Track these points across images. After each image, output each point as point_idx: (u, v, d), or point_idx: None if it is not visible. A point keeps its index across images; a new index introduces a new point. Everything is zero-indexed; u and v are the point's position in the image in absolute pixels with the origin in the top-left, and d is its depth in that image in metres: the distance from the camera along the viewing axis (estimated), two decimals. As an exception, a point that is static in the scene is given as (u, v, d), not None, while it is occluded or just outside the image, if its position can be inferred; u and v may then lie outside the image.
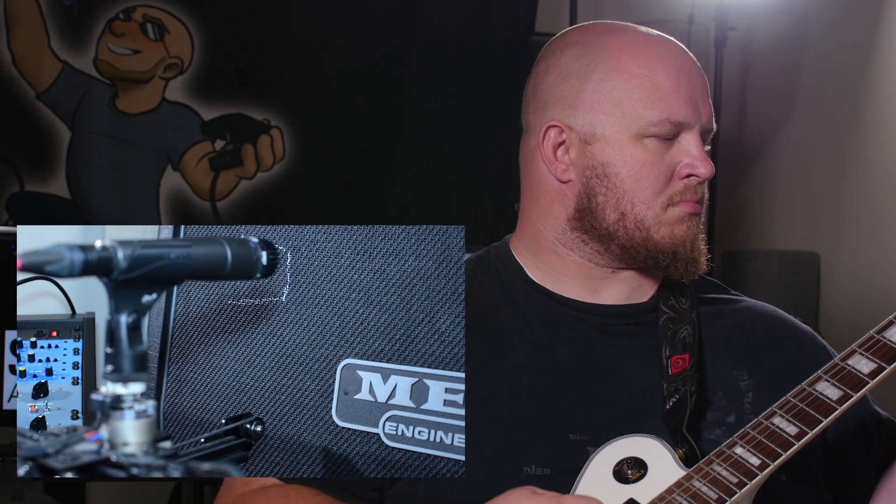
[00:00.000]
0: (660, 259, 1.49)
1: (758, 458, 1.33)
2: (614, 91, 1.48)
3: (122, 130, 3.99)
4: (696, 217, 1.51)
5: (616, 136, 1.48)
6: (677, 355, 1.49)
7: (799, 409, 1.37)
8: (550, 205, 1.54)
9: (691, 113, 1.48)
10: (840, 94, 4.11)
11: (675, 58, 1.50)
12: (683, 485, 1.32)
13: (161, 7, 4.02)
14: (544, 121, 1.52)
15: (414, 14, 4.17)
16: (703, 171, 1.48)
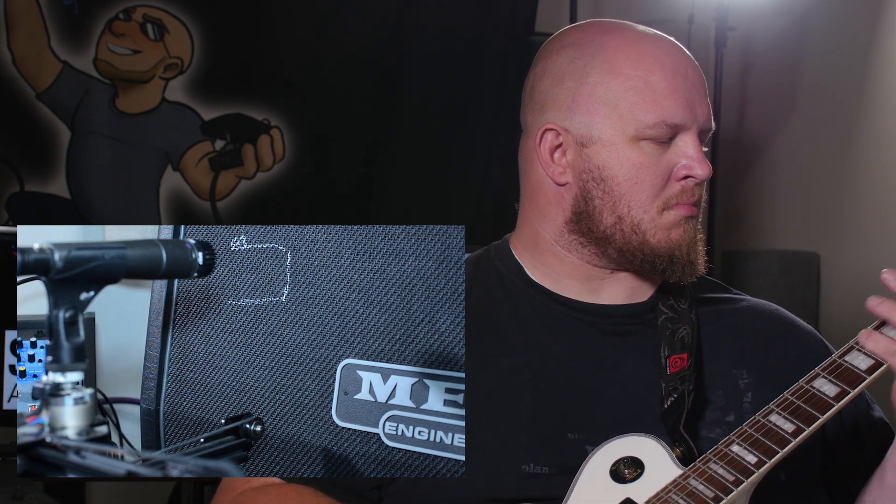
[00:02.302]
0: (656, 263, 1.49)
1: (754, 456, 1.33)
2: (610, 94, 1.47)
3: (122, 130, 3.99)
4: (693, 220, 1.50)
5: (612, 139, 1.47)
6: (676, 355, 1.49)
7: (796, 406, 1.37)
8: (548, 207, 1.54)
9: (688, 114, 1.47)
10: (840, 94, 4.11)
11: (671, 58, 1.49)
12: (680, 483, 1.32)
13: (161, 7, 4.02)
14: (541, 123, 1.52)
15: (414, 14, 4.17)
16: (701, 172, 1.47)
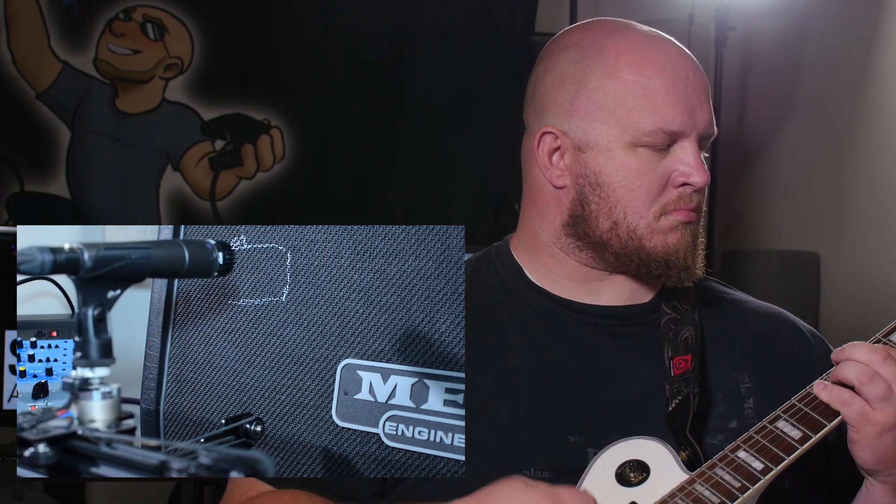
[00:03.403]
0: (652, 267, 1.48)
1: (761, 463, 1.32)
2: (608, 99, 1.46)
3: (122, 130, 3.99)
4: (691, 225, 1.49)
5: (609, 145, 1.46)
6: (679, 356, 1.48)
7: (804, 413, 1.37)
8: (547, 209, 1.53)
9: (687, 121, 1.45)
10: (840, 94, 4.11)
11: (672, 63, 1.47)
12: (686, 489, 1.32)
13: (161, 7, 4.02)
14: (541, 125, 1.51)
15: (414, 14, 4.17)
16: (698, 180, 1.46)
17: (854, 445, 1.38)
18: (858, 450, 1.38)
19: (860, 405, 1.36)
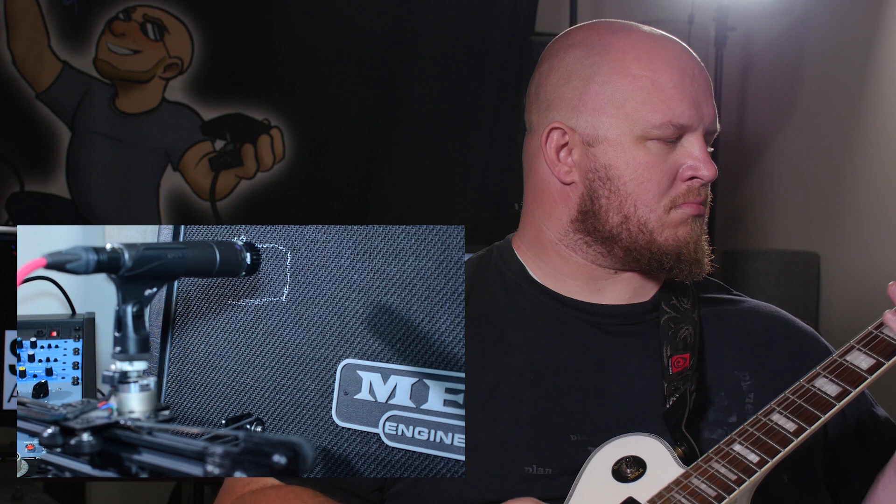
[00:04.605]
0: (664, 261, 1.49)
1: (756, 455, 1.33)
2: (617, 93, 1.47)
3: (122, 130, 3.99)
4: (700, 219, 1.51)
5: (619, 139, 1.47)
6: (678, 355, 1.49)
7: (797, 406, 1.37)
8: (553, 206, 1.54)
9: (694, 115, 1.47)
10: (840, 94, 4.11)
11: (678, 59, 1.49)
12: (682, 482, 1.32)
13: (161, 7, 4.02)
14: (547, 122, 1.52)
15: (414, 14, 4.17)
16: (706, 173, 1.48)
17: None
18: None
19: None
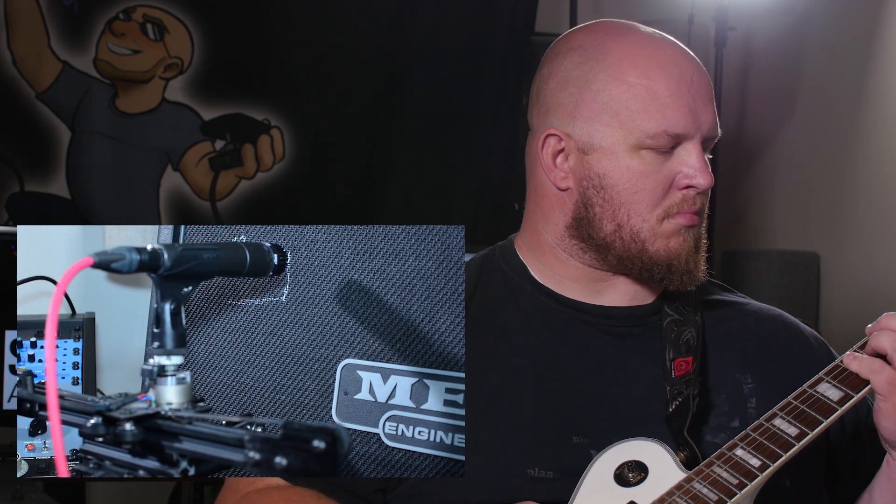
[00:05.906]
0: (654, 271, 1.48)
1: (758, 460, 1.33)
2: (612, 102, 1.46)
3: (122, 130, 3.99)
4: (694, 229, 1.49)
5: (613, 148, 1.46)
6: (681, 358, 1.49)
7: (800, 411, 1.37)
8: (550, 210, 1.53)
9: (690, 124, 1.46)
10: (840, 94, 4.11)
11: (676, 65, 1.47)
12: (684, 487, 1.32)
13: (161, 7, 4.02)
14: (545, 127, 1.52)
15: (414, 14, 4.17)
16: (702, 182, 1.46)
17: (880, 415, 1.40)
18: (884, 419, 1.40)
19: (890, 374, 1.39)
